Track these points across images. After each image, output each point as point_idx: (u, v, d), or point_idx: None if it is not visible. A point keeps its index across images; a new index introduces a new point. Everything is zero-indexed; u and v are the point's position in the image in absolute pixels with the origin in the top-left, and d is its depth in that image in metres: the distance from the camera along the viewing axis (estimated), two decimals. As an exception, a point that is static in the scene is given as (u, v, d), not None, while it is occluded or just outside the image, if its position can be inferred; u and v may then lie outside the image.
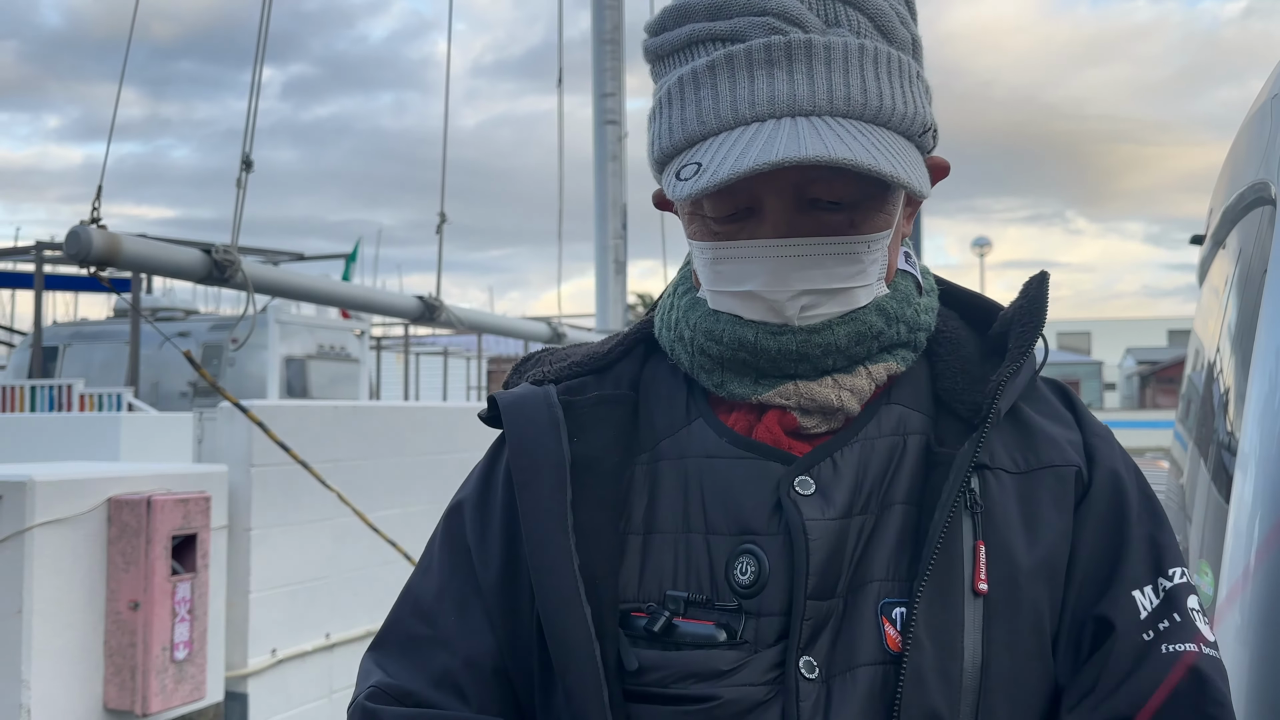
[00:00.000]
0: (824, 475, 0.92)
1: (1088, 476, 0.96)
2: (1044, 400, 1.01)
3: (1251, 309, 1.50)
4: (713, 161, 0.85)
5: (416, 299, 4.45)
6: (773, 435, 0.95)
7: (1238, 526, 1.35)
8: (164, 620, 3.83)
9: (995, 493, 0.92)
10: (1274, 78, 1.67)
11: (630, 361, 1.05)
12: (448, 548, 1.02)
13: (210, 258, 3.14)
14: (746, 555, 0.90)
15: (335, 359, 14.90)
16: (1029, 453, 0.95)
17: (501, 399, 1.01)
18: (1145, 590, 0.92)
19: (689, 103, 0.90)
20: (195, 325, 14.60)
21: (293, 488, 4.49)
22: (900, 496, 0.92)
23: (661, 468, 0.97)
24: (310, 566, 4.73)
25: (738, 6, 0.89)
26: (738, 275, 0.92)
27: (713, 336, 0.95)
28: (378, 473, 5.08)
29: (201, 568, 4.03)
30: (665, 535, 0.94)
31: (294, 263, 16.89)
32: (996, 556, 0.90)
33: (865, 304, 0.94)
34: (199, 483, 4.16)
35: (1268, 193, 1.48)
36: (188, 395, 13.73)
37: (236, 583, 4.37)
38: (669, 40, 0.93)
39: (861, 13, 0.90)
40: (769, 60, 0.87)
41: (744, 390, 0.95)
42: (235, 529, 4.37)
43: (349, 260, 16.71)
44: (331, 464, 4.63)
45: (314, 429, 4.67)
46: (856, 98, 0.87)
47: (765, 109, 0.87)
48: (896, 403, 0.97)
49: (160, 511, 3.82)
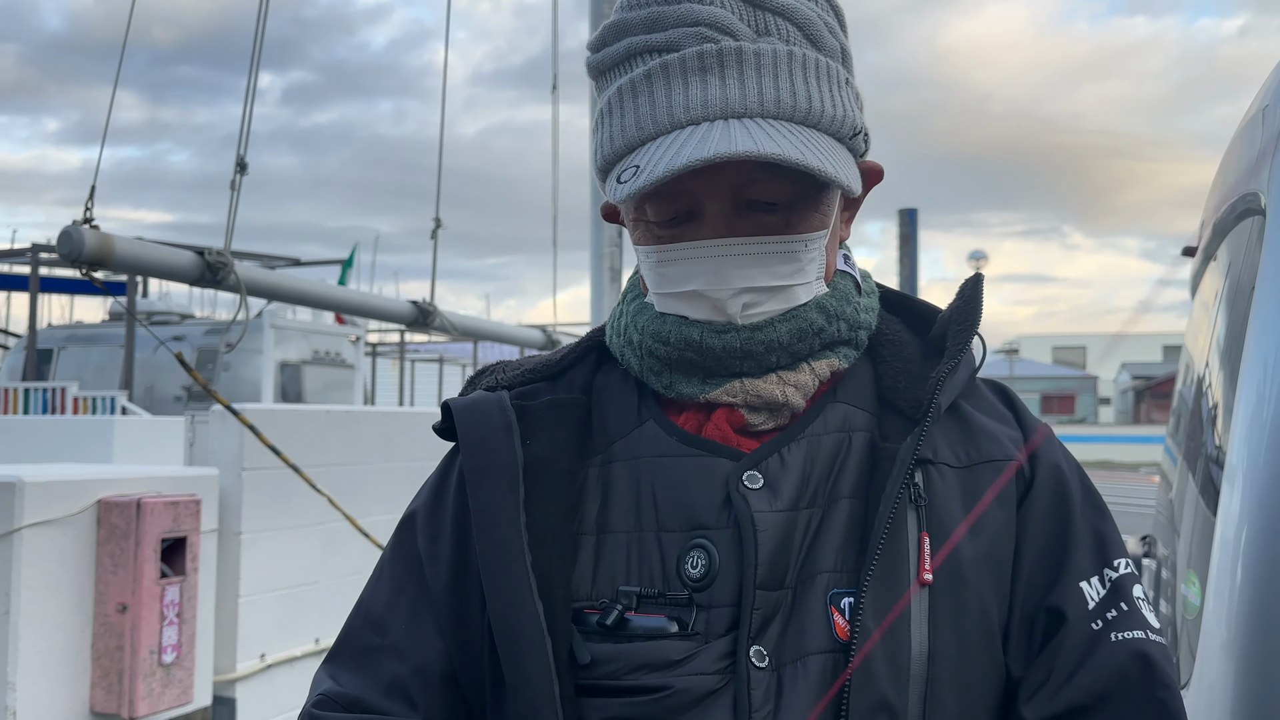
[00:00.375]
0: (772, 470, 0.95)
1: (1029, 472, 0.99)
2: (984, 399, 1.05)
3: (1240, 322, 1.50)
4: (649, 163, 0.89)
5: (411, 304, 4.45)
6: (721, 433, 0.98)
7: (1224, 538, 1.35)
8: (152, 623, 3.81)
9: (939, 486, 0.95)
10: (1264, 90, 1.67)
11: (583, 368, 1.09)
12: (399, 558, 1.04)
13: (203, 259, 3.14)
14: (697, 549, 0.93)
15: (330, 365, 14.89)
16: (970, 448, 0.99)
17: (454, 404, 1.04)
18: (1092, 581, 0.96)
19: (628, 111, 0.94)
20: (190, 330, 14.59)
21: (284, 492, 4.48)
22: (847, 491, 0.95)
23: (614, 469, 0.99)
24: (300, 571, 4.72)
25: (672, 19, 0.93)
26: (681, 276, 0.96)
27: (660, 338, 0.98)
28: (369, 478, 5.07)
29: (191, 571, 4.02)
30: (618, 534, 0.96)
31: (290, 268, 16.90)
32: (941, 548, 0.93)
33: (805, 301, 0.98)
34: (189, 485, 4.15)
35: (1257, 204, 1.48)
36: (182, 400, 13.71)
37: (226, 586, 4.36)
38: (609, 54, 0.97)
39: (791, 22, 0.94)
40: (702, 67, 0.91)
41: (692, 390, 0.98)
42: (225, 532, 4.36)
43: (345, 266, 16.71)
44: (323, 468, 4.62)
45: (306, 433, 4.66)
46: (786, 100, 0.91)
47: (699, 112, 0.90)
48: (842, 401, 1.00)
49: (150, 514, 3.81)
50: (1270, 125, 1.53)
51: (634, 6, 0.97)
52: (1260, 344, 1.38)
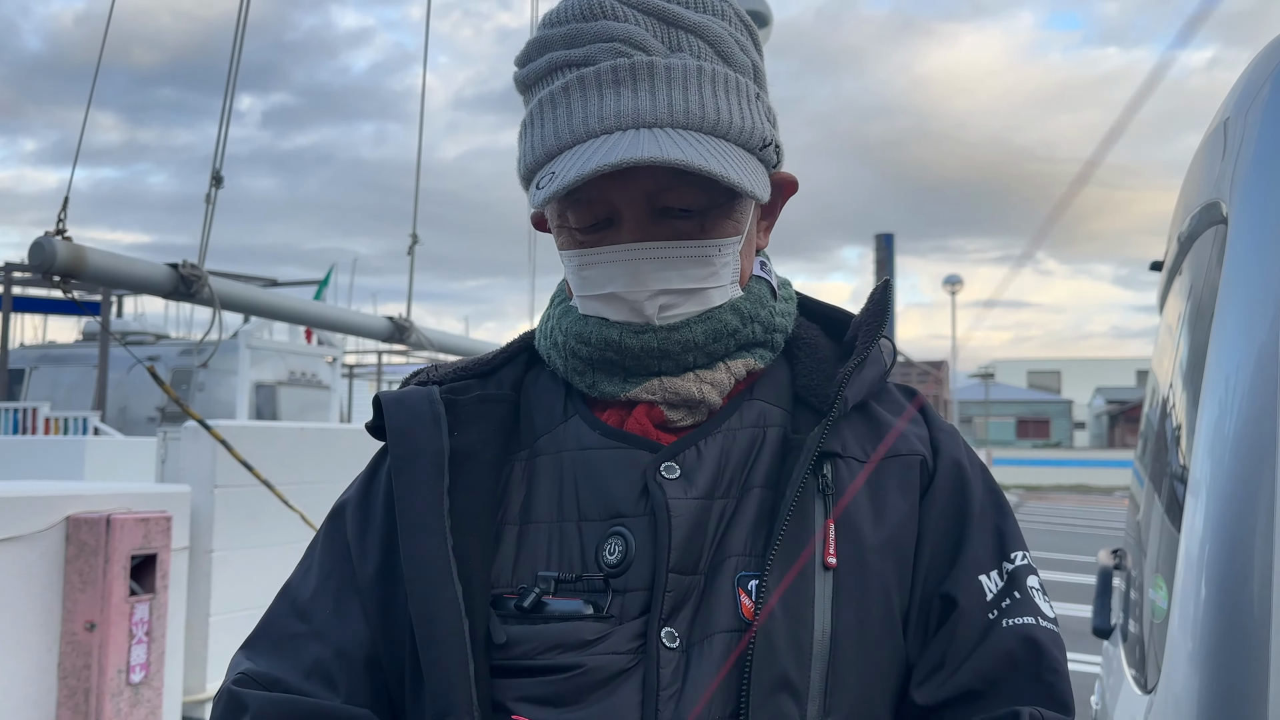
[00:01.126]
0: (688, 461, 0.99)
1: (933, 466, 1.05)
2: (894, 401, 1.11)
3: (1202, 338, 1.51)
4: (563, 169, 0.94)
5: (386, 320, 4.44)
6: (642, 427, 1.02)
7: (1189, 553, 1.36)
8: (120, 642, 3.77)
9: (846, 478, 1.00)
10: (1225, 103, 1.70)
11: (513, 367, 1.13)
12: (328, 548, 1.07)
13: (177, 272, 3.12)
14: (615, 536, 0.97)
15: (306, 385, 14.81)
16: (877, 442, 1.04)
17: (384, 396, 1.07)
18: (991, 575, 1.01)
19: (547, 121, 0.99)
20: (165, 350, 14.48)
21: (256, 509, 4.44)
22: (759, 481, 1.00)
23: (539, 463, 1.03)
24: (272, 589, 4.59)
25: (590, 35, 0.98)
26: (600, 279, 1.00)
27: (582, 339, 1.03)
28: (344, 496, 5.03)
29: (161, 589, 3.97)
30: (540, 525, 1.00)
31: (268, 288, 16.81)
32: (845, 535, 0.97)
33: (720, 304, 1.02)
34: (160, 502, 4.11)
35: (1219, 212, 1.50)
36: (155, 420, 13.59)
37: (197, 605, 4.31)
38: (533, 70, 1.02)
39: (703, 39, 0.99)
40: (615, 80, 0.96)
41: (613, 388, 1.03)
42: (196, 550, 4.31)
43: (321, 285, 16.64)
44: (296, 486, 4.58)
45: (279, 450, 4.63)
46: (695, 111, 0.96)
47: (612, 122, 0.95)
48: (758, 399, 1.05)
49: (119, 531, 3.77)
50: (1232, 135, 1.56)
51: (555, 24, 1.02)
52: (1222, 355, 1.39)
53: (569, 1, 1.02)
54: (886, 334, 1.10)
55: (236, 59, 3.55)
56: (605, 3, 0.99)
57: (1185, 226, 1.79)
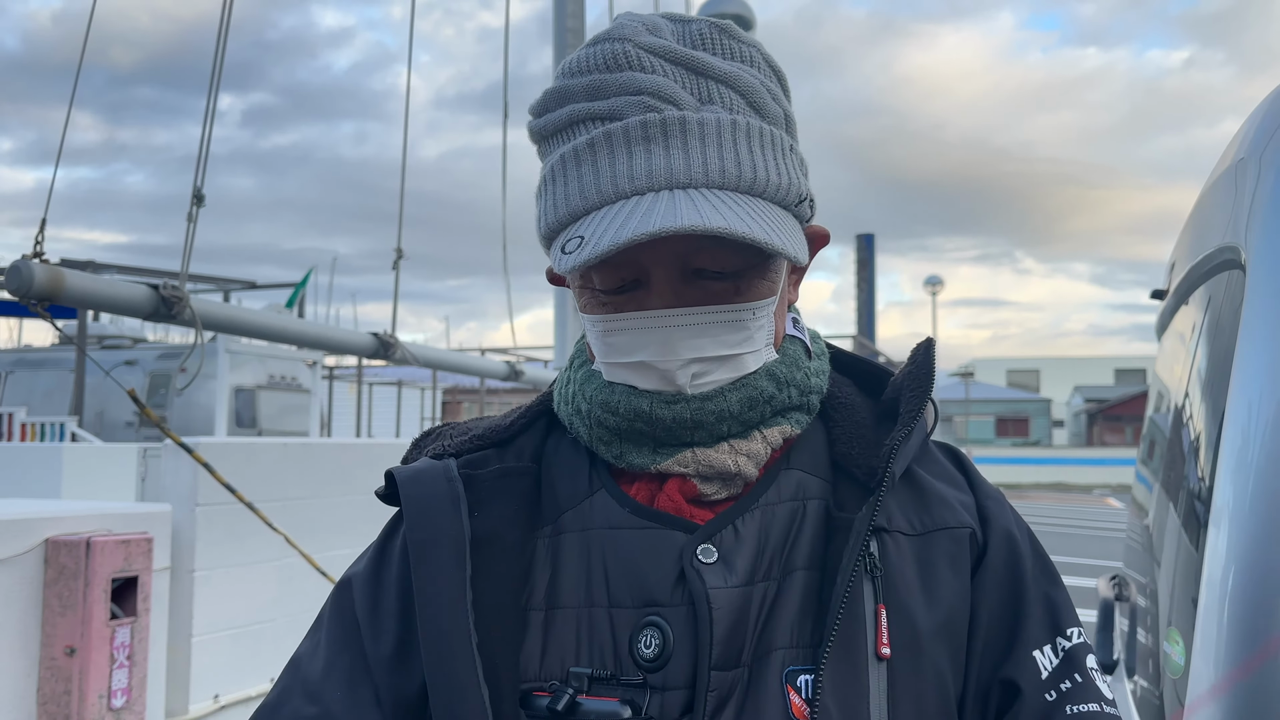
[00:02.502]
0: (726, 542, 0.92)
1: (982, 538, 0.99)
2: (936, 462, 1.05)
3: (1220, 359, 1.50)
4: (594, 234, 0.87)
5: (371, 336, 4.37)
6: (674, 503, 0.95)
7: (1211, 578, 1.35)
8: (101, 667, 3.69)
9: (893, 555, 0.94)
10: (1238, 141, 1.68)
11: (532, 434, 1.06)
12: (336, 623, 1.01)
13: (158, 294, 3.05)
14: (650, 628, 0.90)
15: (286, 389, 14.70)
16: (924, 514, 0.98)
17: (399, 473, 1.01)
18: (1045, 650, 0.95)
19: (571, 179, 0.92)
20: (143, 354, 14.34)
21: (238, 527, 4.37)
22: (802, 562, 0.94)
23: (564, 541, 0.97)
24: (255, 609, 4.61)
25: (614, 87, 0.92)
26: (628, 346, 0.94)
27: (609, 408, 0.97)
28: (327, 511, 4.97)
29: (142, 611, 3.90)
30: (568, 610, 0.94)
31: (246, 290, 16.67)
32: (897, 620, 0.91)
33: (755, 369, 0.96)
34: (141, 523, 4.04)
35: (1237, 258, 1.47)
36: (134, 425, 13.46)
37: (178, 626, 4.24)
38: (551, 121, 0.96)
39: (734, 90, 0.93)
40: (646, 137, 0.90)
41: (643, 460, 0.96)
42: (178, 570, 4.24)
43: (297, 288, 16.49)
44: (279, 503, 4.52)
45: (262, 467, 4.56)
46: (731, 170, 0.90)
47: (644, 183, 0.89)
48: (795, 468, 0.99)
49: (100, 553, 3.69)
50: (1247, 179, 1.53)
51: (575, 73, 0.95)
52: (1242, 392, 1.38)
53: (590, 50, 0.96)
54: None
55: (217, 75, 3.48)
56: (630, 52, 0.93)
57: (1196, 261, 1.77)
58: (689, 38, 0.96)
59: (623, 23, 0.96)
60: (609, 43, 0.95)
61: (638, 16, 0.98)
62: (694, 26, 0.96)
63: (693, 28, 0.96)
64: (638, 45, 0.93)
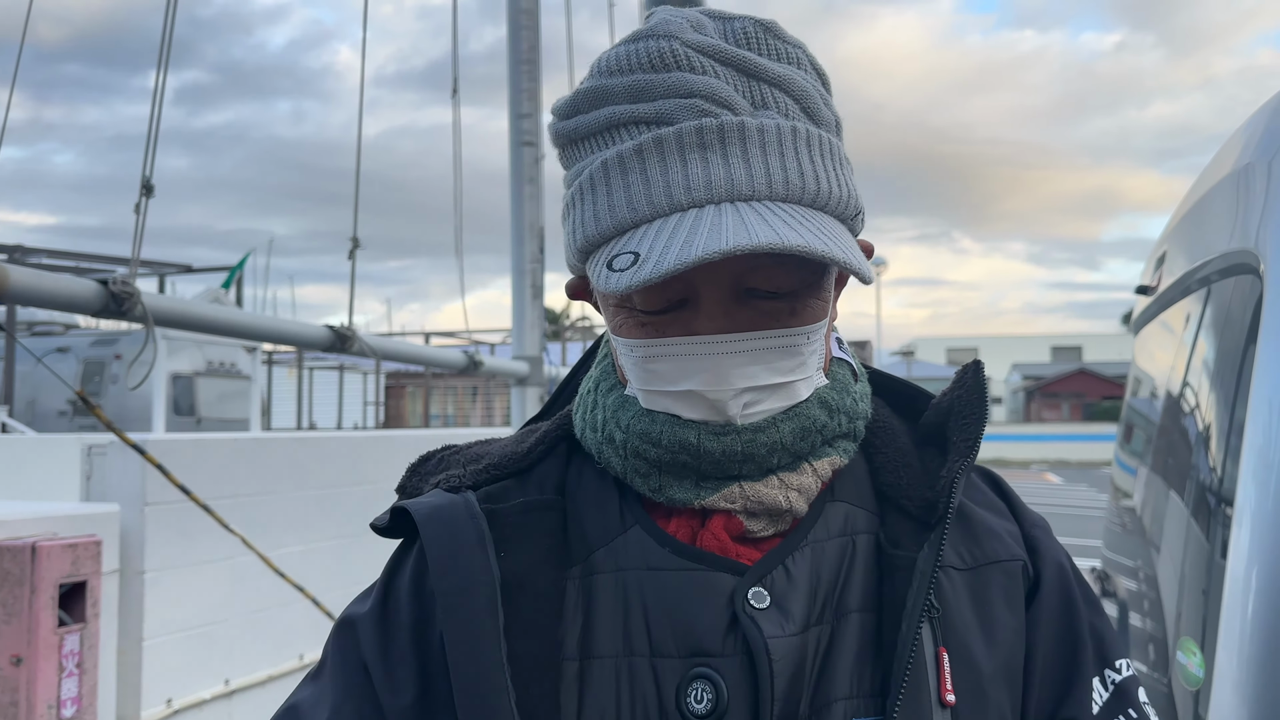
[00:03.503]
0: (778, 585, 0.86)
1: (1034, 571, 0.94)
2: (977, 489, 0.99)
3: (1230, 354, 1.49)
4: (653, 251, 0.78)
5: (327, 329, 4.24)
6: (720, 543, 0.88)
7: (1234, 576, 1.34)
8: (50, 676, 3.55)
9: (948, 593, 0.88)
10: (1241, 144, 1.66)
11: (553, 462, 0.98)
12: (340, 668, 0.92)
13: (107, 290, 2.91)
14: (701, 680, 0.83)
15: (225, 376, 14.39)
16: (974, 547, 0.92)
17: (417, 510, 0.91)
18: (1093, 683, 0.92)
19: (616, 188, 0.84)
20: (76, 340, 13.95)
21: (189, 526, 4.24)
22: (856, 604, 0.88)
23: (596, 582, 0.89)
24: (208, 609, 4.48)
25: (662, 88, 0.85)
26: (674, 374, 0.86)
27: (649, 439, 0.89)
28: (279, 508, 4.84)
29: (91, 617, 3.76)
30: (604, 660, 0.86)
31: (182, 275, 16.27)
32: (959, 663, 0.86)
33: (807, 397, 0.90)
34: (88, 524, 3.89)
35: (1251, 262, 1.45)
36: (67, 414, 13.09)
37: (129, 630, 4.10)
38: (584, 123, 0.88)
39: (788, 95, 0.87)
40: (701, 144, 0.82)
41: (685, 495, 0.89)
42: (127, 572, 4.10)
43: (233, 270, 16.11)
44: (231, 500, 4.39)
45: (213, 464, 4.42)
46: (795, 182, 0.83)
47: (703, 194, 0.81)
48: (841, 500, 0.93)
49: (46, 559, 3.55)
50: (1257, 184, 1.51)
51: (615, 72, 0.87)
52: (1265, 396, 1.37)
53: (631, 48, 0.87)
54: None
55: (165, 59, 3.33)
56: (679, 51, 0.85)
57: (1196, 264, 1.76)
58: (734, 36, 0.89)
59: (665, 19, 0.88)
60: (653, 40, 0.86)
61: (679, 12, 0.90)
62: (738, 24, 0.89)
63: (736, 25, 0.89)
64: (685, 44, 0.85)
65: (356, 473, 5.33)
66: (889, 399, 1.04)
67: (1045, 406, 46.87)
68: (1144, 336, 2.47)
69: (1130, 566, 2.23)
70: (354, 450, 5.49)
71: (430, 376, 18.91)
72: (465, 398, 22.70)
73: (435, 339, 19.05)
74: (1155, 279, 2.19)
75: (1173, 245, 2.02)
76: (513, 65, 5.69)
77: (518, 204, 5.65)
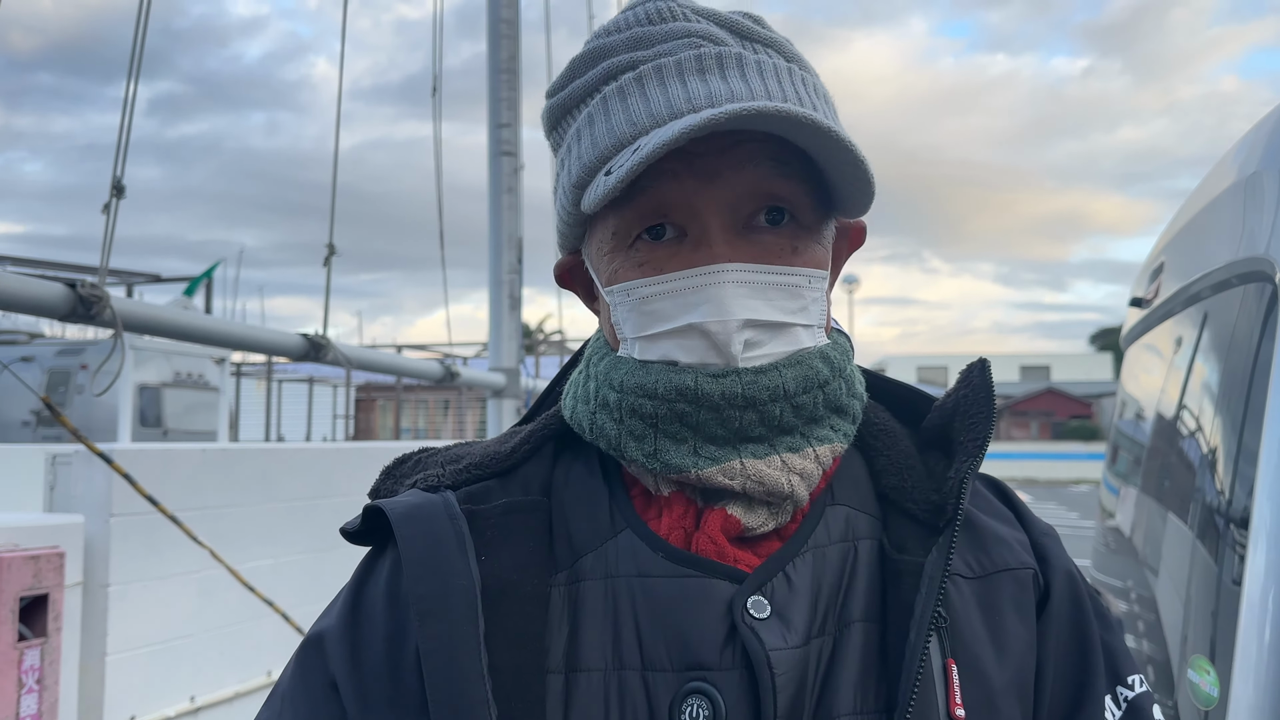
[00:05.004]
0: (779, 594, 0.81)
1: (1044, 580, 0.90)
2: (984, 497, 0.96)
3: (1239, 371, 1.46)
4: (645, 144, 0.77)
5: (301, 337, 4.15)
6: (716, 546, 0.83)
7: (1250, 596, 1.31)
8: (9, 693, 3.44)
9: (957, 602, 0.84)
10: (1244, 155, 1.64)
11: (538, 462, 0.93)
12: (302, 686, 0.86)
13: (75, 293, 2.82)
14: (697, 695, 0.78)
15: (193, 387, 14.21)
16: (982, 555, 0.88)
17: (392, 510, 0.85)
18: (1106, 700, 0.88)
19: (614, 112, 0.82)
20: (40, 350, 13.74)
21: (155, 538, 4.13)
22: (859, 613, 0.83)
23: (584, 589, 0.84)
24: (174, 623, 4.37)
25: (660, 35, 0.85)
26: (674, 310, 0.83)
27: (645, 391, 0.84)
28: (248, 520, 4.74)
29: (53, 631, 3.65)
30: (592, 673, 0.81)
31: (150, 284, 16.07)
32: (969, 676, 0.82)
33: (809, 346, 0.86)
34: (51, 536, 3.78)
35: (1265, 269, 1.42)
36: (30, 425, 12.86)
37: (91, 645, 3.98)
38: (583, 84, 0.86)
39: (781, 55, 0.87)
40: (701, 68, 0.82)
41: (682, 460, 0.83)
42: (91, 585, 3.98)
43: (197, 279, 15.91)
44: (198, 511, 4.29)
45: (180, 475, 4.32)
46: (794, 101, 0.83)
47: (704, 104, 0.79)
48: (841, 503, 0.89)
49: (7, 571, 3.44)
50: (1266, 193, 1.48)
51: (611, 32, 0.86)
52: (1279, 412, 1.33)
53: (629, 12, 0.87)
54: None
55: (136, 64, 3.25)
56: (676, 9, 0.85)
57: (1200, 275, 1.73)
58: (726, 19, 0.89)
59: None
60: (651, 2, 0.87)
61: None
62: (726, 13, 0.89)
63: (722, 14, 0.89)
64: (681, 4, 0.86)
65: (328, 485, 5.23)
66: (889, 403, 1.00)
67: (1014, 425, 47.21)
68: (1134, 354, 2.45)
69: (1121, 587, 2.20)
70: (325, 462, 5.39)
71: (401, 389, 18.76)
72: (437, 411, 22.53)
73: (408, 352, 18.93)
74: (1151, 291, 2.16)
75: (1171, 256, 1.99)
76: (492, 74, 5.64)
77: (496, 214, 5.59)
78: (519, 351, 5.40)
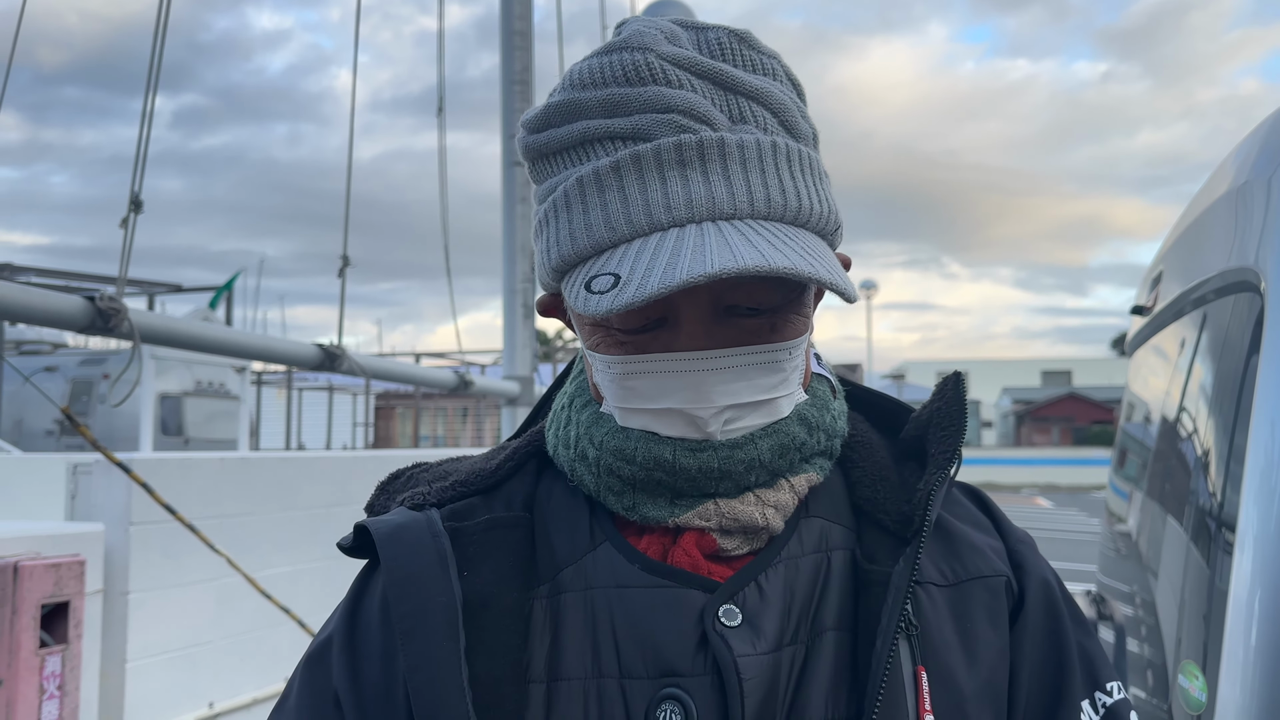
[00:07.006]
0: (750, 602, 0.84)
1: (1018, 587, 0.92)
2: (959, 504, 0.97)
3: (1230, 377, 1.48)
4: (635, 273, 0.77)
5: (316, 347, 4.20)
6: (691, 559, 0.86)
7: (1237, 599, 1.33)
8: (30, 699, 3.50)
9: (928, 610, 0.86)
10: (1236, 164, 1.65)
11: (521, 479, 0.96)
12: (309, 699, 0.89)
13: (94, 305, 2.87)
14: (670, 701, 0.81)
15: (214, 396, 14.32)
16: (955, 563, 0.90)
17: (377, 530, 0.88)
18: (1083, 706, 0.89)
19: (593, 206, 0.82)
20: (64, 360, 13.88)
21: (174, 546, 4.19)
22: (831, 622, 0.86)
23: (564, 601, 0.87)
24: (193, 631, 4.42)
25: (638, 103, 0.82)
26: (654, 392, 0.85)
27: (623, 456, 0.87)
28: (266, 528, 4.79)
29: (74, 638, 3.70)
30: (572, 682, 0.84)
31: (172, 294, 16.21)
32: (939, 683, 0.84)
33: (787, 414, 0.88)
34: (72, 544, 3.84)
35: (1252, 280, 1.44)
36: (54, 434, 13.00)
37: (112, 652, 4.04)
38: (557, 137, 0.85)
39: (766, 108, 0.85)
40: (681, 161, 0.80)
41: (659, 513, 0.87)
42: (111, 593, 4.04)
43: (220, 289, 16.05)
44: (217, 520, 4.34)
45: (199, 483, 4.38)
46: (776, 199, 0.81)
47: (684, 214, 0.79)
48: (816, 515, 0.91)
49: (28, 579, 3.50)
50: (1256, 203, 1.50)
51: (586, 85, 0.84)
52: (1267, 419, 1.35)
53: (604, 60, 0.85)
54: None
55: (154, 79, 3.31)
56: (654, 64, 0.82)
57: (1193, 284, 1.74)
58: (709, 47, 0.87)
59: (639, 30, 0.86)
60: (627, 52, 0.84)
61: (652, 22, 0.87)
62: (711, 35, 0.88)
63: (710, 36, 0.87)
64: (660, 56, 0.83)
65: (345, 493, 5.28)
66: (868, 414, 1.02)
67: (1035, 430, 46.96)
68: (1139, 358, 2.46)
69: (1126, 591, 2.21)
70: (343, 470, 5.44)
71: (420, 397, 18.86)
72: (455, 419, 22.63)
73: (426, 360, 19.03)
74: (1151, 299, 2.18)
75: (1169, 265, 2.01)
76: (505, 86, 5.69)
77: (510, 224, 5.64)
78: (533, 360, 5.45)
